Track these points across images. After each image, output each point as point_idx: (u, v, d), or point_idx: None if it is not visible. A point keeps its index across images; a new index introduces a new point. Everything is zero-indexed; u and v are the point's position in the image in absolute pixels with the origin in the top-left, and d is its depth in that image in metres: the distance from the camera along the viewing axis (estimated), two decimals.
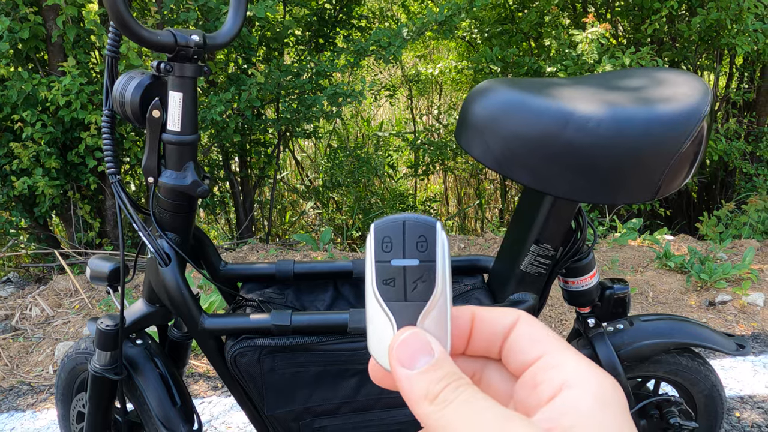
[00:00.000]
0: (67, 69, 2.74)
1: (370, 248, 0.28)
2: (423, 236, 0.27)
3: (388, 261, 0.27)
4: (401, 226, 0.28)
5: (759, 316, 2.34)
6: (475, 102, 0.92)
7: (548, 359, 0.26)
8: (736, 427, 1.67)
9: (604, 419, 0.24)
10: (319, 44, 4.20)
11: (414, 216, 0.28)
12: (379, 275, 0.27)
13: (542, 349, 0.27)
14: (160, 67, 0.87)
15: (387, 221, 0.28)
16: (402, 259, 0.27)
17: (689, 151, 0.85)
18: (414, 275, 0.27)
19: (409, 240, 0.27)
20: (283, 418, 1.03)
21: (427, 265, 0.27)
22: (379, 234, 0.28)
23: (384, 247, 0.28)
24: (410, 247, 0.27)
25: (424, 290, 0.27)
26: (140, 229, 0.94)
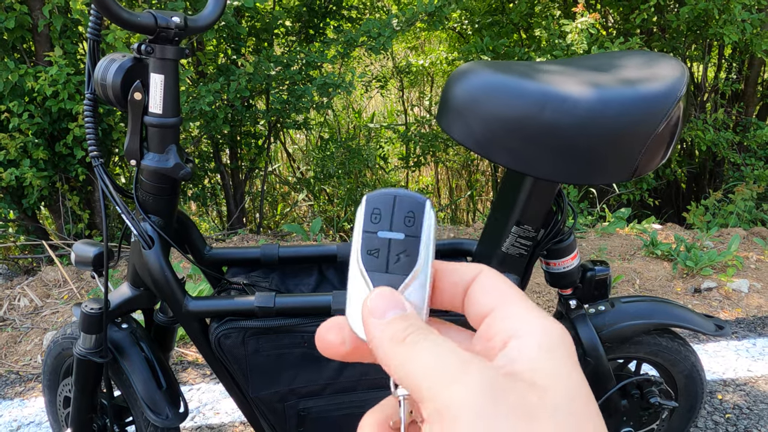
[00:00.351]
0: (54, 59, 2.72)
1: (359, 218, 0.29)
2: (412, 212, 0.28)
3: (375, 232, 0.28)
4: (392, 200, 0.28)
5: (743, 302, 2.37)
6: (456, 84, 0.93)
7: (500, 311, 0.27)
8: (719, 409, 1.70)
9: (551, 364, 0.24)
10: (309, 35, 4.19)
11: (406, 192, 0.29)
12: (365, 245, 0.28)
13: (496, 302, 0.27)
14: (141, 49, 0.87)
15: (379, 194, 0.29)
16: (388, 232, 0.28)
17: (665, 131, 0.86)
18: (398, 248, 0.28)
19: (398, 214, 0.28)
20: (268, 400, 1.04)
21: (412, 240, 0.28)
22: (370, 205, 0.28)
23: (373, 219, 0.28)
24: (398, 221, 0.28)
25: (405, 264, 0.28)
26: (123, 212, 0.95)
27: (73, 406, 1.13)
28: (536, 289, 2.40)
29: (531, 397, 0.22)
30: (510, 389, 0.22)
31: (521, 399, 0.22)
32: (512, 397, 0.22)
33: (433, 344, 0.25)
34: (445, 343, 0.25)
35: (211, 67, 3.64)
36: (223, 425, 1.61)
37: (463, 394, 0.22)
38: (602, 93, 0.85)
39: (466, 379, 0.22)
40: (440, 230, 3.30)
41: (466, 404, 0.22)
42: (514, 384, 0.23)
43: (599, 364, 1.14)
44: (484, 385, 0.22)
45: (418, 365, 0.24)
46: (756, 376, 1.86)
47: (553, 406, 0.22)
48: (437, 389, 0.23)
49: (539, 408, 0.22)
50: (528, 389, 0.23)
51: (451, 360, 0.23)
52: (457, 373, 0.23)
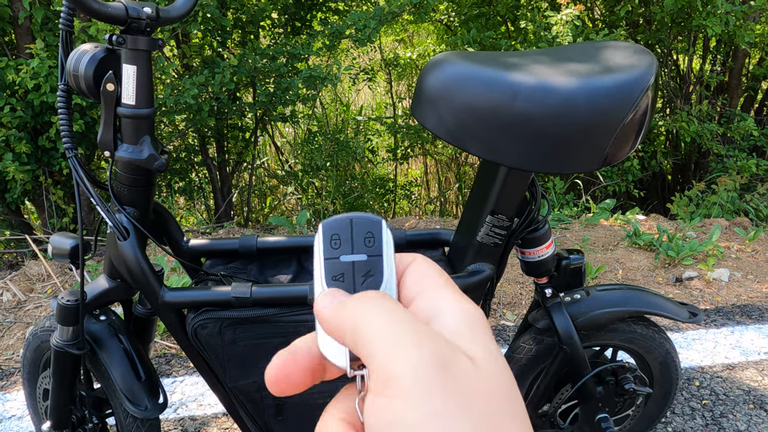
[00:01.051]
0: (35, 51, 2.69)
1: (318, 246, 0.29)
2: (370, 232, 0.29)
3: (337, 257, 0.28)
4: (349, 224, 0.29)
5: (723, 291, 2.41)
6: (429, 74, 0.93)
7: (424, 295, 0.27)
8: (696, 395, 1.73)
9: (480, 339, 0.25)
10: (296, 27, 4.17)
11: (360, 214, 0.29)
12: (329, 272, 0.28)
13: (421, 287, 0.28)
14: (113, 40, 0.87)
15: (334, 220, 0.29)
16: (351, 255, 0.28)
17: (634, 120, 0.87)
18: (362, 269, 0.28)
19: (357, 236, 0.29)
20: (246, 390, 1.05)
21: (375, 259, 0.28)
22: (327, 232, 0.29)
23: (333, 244, 0.28)
24: (358, 243, 0.28)
25: (372, 283, 0.28)
26: (98, 203, 0.95)
27: (52, 399, 1.13)
28: (519, 279, 2.42)
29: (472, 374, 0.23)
30: (455, 364, 0.23)
31: (464, 376, 0.23)
32: (457, 373, 0.22)
33: (387, 309, 0.25)
34: (399, 310, 0.25)
35: (197, 60, 3.62)
36: (206, 417, 1.61)
37: (413, 367, 0.22)
38: (572, 83, 0.86)
39: (417, 352, 0.22)
40: (429, 222, 3.31)
41: (414, 379, 0.22)
42: (460, 359, 0.23)
43: (574, 351, 1.16)
44: (434, 360, 0.22)
45: (371, 330, 0.24)
46: (733, 363, 1.89)
47: (489, 384, 0.23)
48: (387, 358, 0.23)
49: (479, 386, 0.23)
50: (470, 365, 0.23)
51: (404, 328, 0.24)
52: (410, 343, 0.23)
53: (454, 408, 0.21)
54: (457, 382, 0.22)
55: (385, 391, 0.22)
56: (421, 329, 0.24)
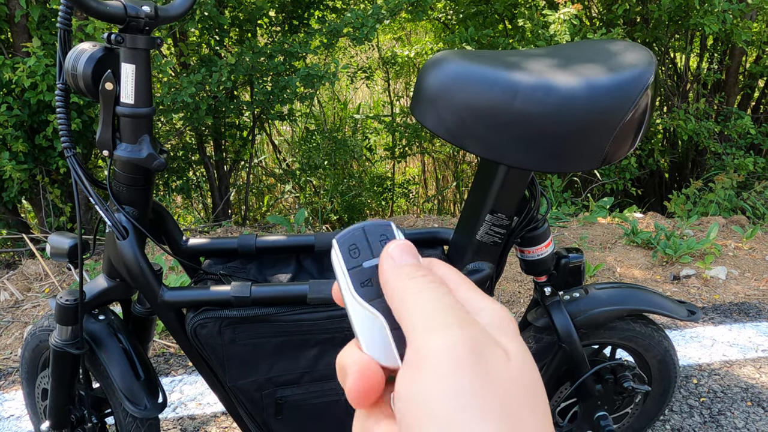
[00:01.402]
0: (32, 50, 2.68)
1: (338, 261, 0.29)
2: (383, 235, 0.30)
3: (360, 265, 0.29)
4: (362, 232, 0.30)
5: (720, 289, 2.41)
6: (428, 73, 0.93)
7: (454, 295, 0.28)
8: (694, 393, 1.74)
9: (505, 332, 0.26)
10: (293, 26, 4.16)
11: (370, 221, 0.30)
12: (355, 280, 0.29)
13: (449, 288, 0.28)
14: (111, 39, 0.87)
15: (347, 232, 0.30)
16: (372, 259, 0.29)
17: (633, 119, 0.88)
18: None
19: (373, 241, 0.30)
20: (246, 389, 1.05)
21: None
22: (343, 245, 0.30)
23: (352, 254, 0.29)
24: (376, 247, 0.30)
25: None
26: (96, 203, 0.94)
27: (51, 398, 1.13)
28: (517, 277, 2.43)
29: (504, 364, 0.24)
30: (489, 352, 0.24)
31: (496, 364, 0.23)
32: (489, 360, 0.23)
33: (439, 293, 0.26)
34: (450, 297, 0.26)
35: (194, 58, 3.61)
36: (205, 416, 1.61)
37: (449, 345, 0.23)
38: (572, 82, 0.86)
39: (455, 332, 0.24)
40: (426, 221, 3.31)
41: (447, 355, 0.23)
42: (494, 349, 0.24)
43: (573, 349, 1.16)
44: (470, 343, 0.23)
45: (417, 305, 0.25)
46: (731, 360, 1.90)
47: (519, 376, 0.24)
48: (427, 333, 0.24)
49: (509, 376, 0.24)
50: (503, 356, 0.24)
51: (450, 312, 0.25)
52: (451, 324, 0.24)
53: (479, 390, 0.22)
54: (489, 367, 0.23)
55: (418, 363, 0.23)
56: (466, 316, 0.25)
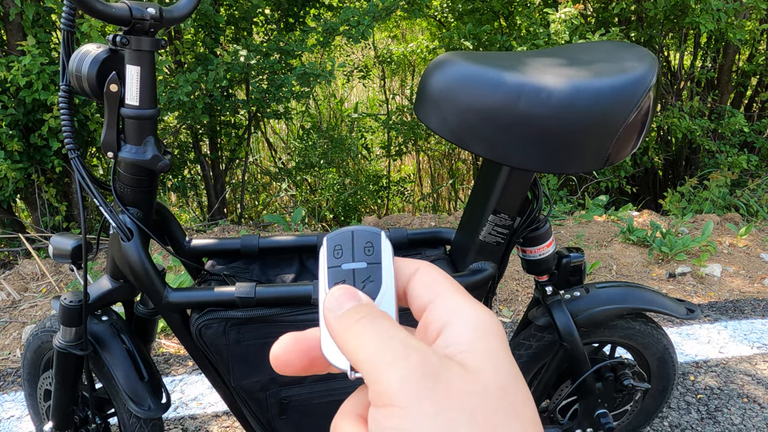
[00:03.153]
0: (27, 48, 2.67)
1: (322, 257, 0.31)
2: (370, 242, 0.31)
3: (339, 265, 0.30)
4: (350, 235, 0.31)
5: (716, 286, 2.44)
6: (432, 75, 0.94)
7: (436, 302, 0.28)
8: (691, 390, 1.75)
9: (482, 347, 0.26)
10: (289, 24, 4.15)
11: (361, 227, 0.31)
12: (331, 279, 0.30)
13: (433, 294, 0.29)
14: (116, 41, 0.87)
15: (337, 233, 0.31)
16: (351, 263, 0.30)
17: (636, 120, 0.88)
18: (362, 276, 0.30)
19: (358, 246, 0.31)
20: (250, 389, 1.06)
21: (374, 266, 0.30)
22: (330, 244, 0.31)
23: (335, 254, 0.31)
24: (359, 252, 0.31)
25: (372, 288, 0.30)
26: (101, 204, 0.94)
27: (54, 399, 1.13)
28: (516, 276, 2.44)
29: (463, 377, 0.24)
30: (444, 372, 0.24)
31: (454, 380, 0.23)
32: (445, 379, 0.23)
33: (379, 328, 0.26)
34: (391, 328, 0.26)
35: (189, 57, 3.60)
36: (206, 415, 1.62)
37: (401, 378, 0.23)
38: (575, 83, 0.87)
39: (403, 363, 0.24)
40: (423, 219, 3.32)
41: (403, 388, 0.23)
42: (449, 366, 0.24)
43: (574, 348, 1.17)
44: (421, 369, 0.23)
45: (364, 348, 0.25)
46: (727, 357, 1.92)
47: (484, 385, 0.24)
48: (378, 372, 0.24)
49: (471, 388, 0.23)
50: (461, 370, 0.24)
51: (393, 344, 0.25)
52: (398, 356, 0.24)
53: (444, 409, 0.22)
54: (447, 385, 0.23)
55: (381, 401, 0.23)
56: (409, 342, 0.25)
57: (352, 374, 0.28)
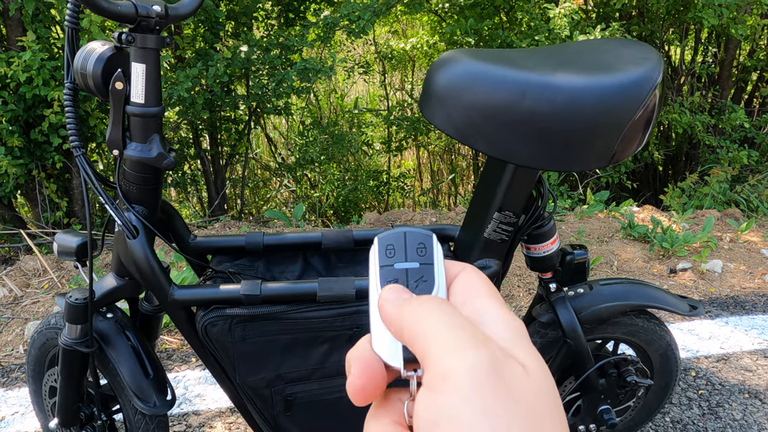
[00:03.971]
0: (27, 44, 2.66)
1: (374, 257, 0.31)
2: (422, 243, 0.31)
3: (392, 264, 0.31)
4: (403, 236, 0.32)
5: (716, 282, 2.44)
6: (438, 72, 0.94)
7: (472, 302, 0.29)
8: (692, 385, 1.76)
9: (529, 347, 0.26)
10: (289, 19, 4.14)
11: (414, 228, 0.32)
12: (384, 278, 0.31)
13: (471, 295, 0.29)
14: (122, 38, 0.87)
15: (389, 233, 0.32)
16: (405, 263, 0.31)
17: (642, 118, 0.88)
18: (415, 275, 0.31)
19: (411, 247, 0.31)
20: (255, 386, 1.06)
21: (427, 267, 0.31)
22: (383, 244, 0.32)
23: (388, 254, 0.31)
24: (411, 252, 0.31)
25: (424, 288, 0.30)
26: (107, 202, 0.94)
27: (60, 396, 1.13)
28: (516, 272, 2.44)
29: (524, 377, 0.24)
30: (507, 368, 0.24)
31: (515, 379, 0.24)
32: (508, 376, 0.24)
33: (448, 315, 0.26)
34: (459, 316, 0.26)
35: (190, 52, 3.59)
36: (209, 411, 1.62)
37: (469, 367, 0.23)
38: (581, 81, 0.87)
39: (473, 353, 0.24)
40: (423, 215, 3.32)
41: (469, 378, 0.23)
42: (512, 364, 0.24)
43: (578, 344, 1.18)
44: (489, 363, 0.24)
45: (431, 329, 0.25)
46: (728, 353, 1.92)
47: (539, 388, 0.24)
48: (444, 356, 0.24)
49: (530, 389, 0.24)
50: (521, 370, 0.25)
51: (462, 333, 0.25)
52: (467, 345, 0.24)
53: (503, 408, 0.23)
54: (508, 384, 0.24)
55: (440, 386, 0.24)
56: (479, 334, 0.25)
57: (404, 373, 0.28)
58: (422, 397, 0.24)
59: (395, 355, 0.28)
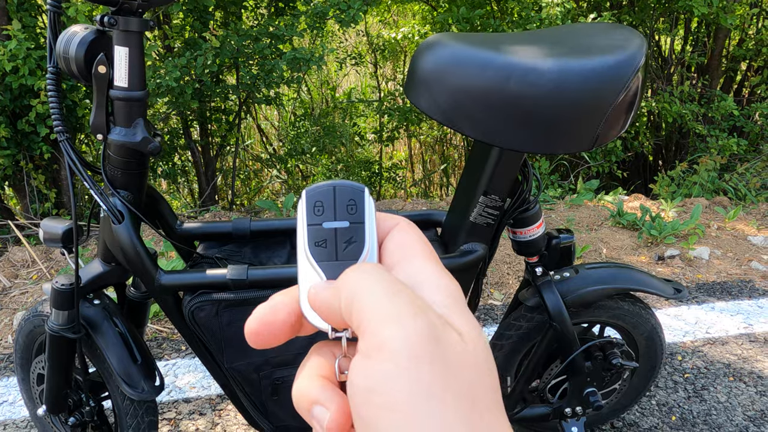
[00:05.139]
0: (12, 33, 2.63)
1: (301, 213, 0.29)
2: (353, 200, 0.29)
3: (320, 224, 0.29)
4: (332, 191, 0.29)
5: (704, 269, 2.47)
6: (423, 56, 0.94)
7: (407, 264, 0.28)
8: (678, 369, 1.79)
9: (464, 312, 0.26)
10: (279, 8, 4.11)
11: (344, 182, 0.30)
12: (311, 238, 0.29)
13: (404, 255, 0.28)
14: (104, 21, 0.86)
15: (317, 187, 0.29)
16: (333, 221, 0.29)
17: (625, 101, 0.89)
18: (345, 236, 0.29)
19: (340, 203, 0.29)
20: (243, 370, 1.06)
21: (357, 226, 0.29)
22: (310, 199, 0.29)
23: (316, 211, 0.29)
24: (341, 210, 0.29)
25: (354, 250, 0.29)
26: (91, 187, 0.94)
27: (48, 383, 1.13)
28: (506, 259, 2.46)
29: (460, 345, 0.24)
30: (444, 336, 0.24)
31: (451, 347, 0.23)
32: (444, 344, 0.23)
33: (385, 281, 0.25)
34: (397, 283, 0.25)
35: (179, 41, 3.56)
36: (199, 398, 1.63)
37: (405, 336, 0.23)
38: (564, 64, 0.87)
39: (410, 322, 0.23)
40: (414, 204, 3.32)
41: (405, 347, 0.23)
42: (449, 332, 0.24)
43: (564, 328, 1.19)
44: (426, 331, 0.23)
45: (369, 298, 0.24)
46: (714, 338, 1.95)
47: (475, 355, 0.24)
48: (380, 325, 0.23)
49: (465, 358, 0.24)
50: (458, 338, 0.24)
51: (400, 300, 0.24)
52: (405, 314, 0.24)
53: (439, 377, 0.22)
54: (444, 353, 0.23)
55: (376, 354, 0.23)
56: (417, 301, 0.25)
57: (332, 333, 0.27)
58: (358, 364, 0.24)
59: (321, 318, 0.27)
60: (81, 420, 1.18)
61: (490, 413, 0.23)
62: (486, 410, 0.23)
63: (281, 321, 0.28)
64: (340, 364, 0.27)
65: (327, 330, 0.28)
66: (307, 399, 0.26)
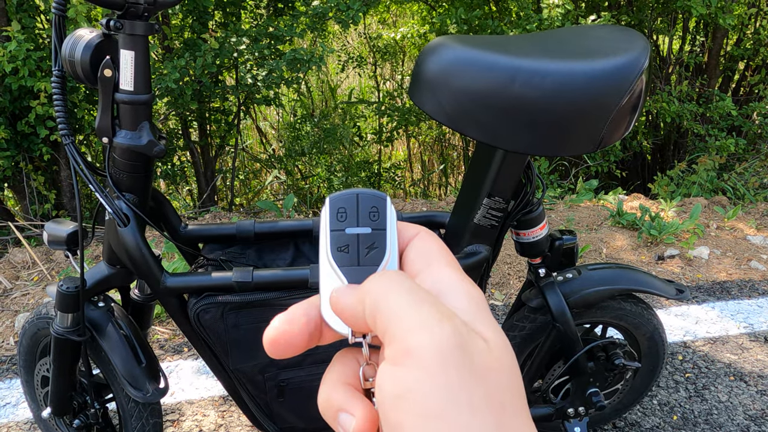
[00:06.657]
0: (12, 34, 2.62)
1: (325, 218, 0.30)
2: (375, 207, 0.30)
3: (343, 229, 0.30)
4: (355, 198, 0.30)
5: (703, 269, 2.48)
6: (427, 58, 0.94)
7: (429, 272, 0.28)
8: (679, 369, 1.79)
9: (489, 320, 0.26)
10: (279, 8, 4.11)
11: (367, 190, 0.31)
12: (334, 243, 0.29)
13: (426, 263, 0.29)
14: (110, 25, 0.86)
15: (342, 194, 0.30)
16: (356, 227, 0.30)
17: (629, 103, 0.90)
18: (366, 242, 0.29)
19: (363, 210, 0.30)
20: (248, 372, 1.07)
21: (379, 233, 0.30)
22: (334, 205, 0.30)
23: (339, 217, 0.30)
24: (363, 217, 0.30)
25: (375, 256, 0.29)
26: (97, 191, 0.94)
27: (52, 385, 1.13)
28: (507, 260, 2.46)
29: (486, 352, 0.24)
30: (471, 343, 0.24)
31: (478, 354, 0.24)
32: (471, 351, 0.24)
33: (409, 289, 0.26)
34: (422, 290, 0.26)
35: (178, 42, 3.56)
36: (202, 400, 1.63)
37: (434, 343, 0.23)
38: (569, 67, 0.88)
39: (438, 329, 0.24)
40: (414, 204, 3.33)
41: (433, 354, 0.23)
42: (475, 339, 0.24)
43: (567, 328, 1.19)
44: (453, 338, 0.24)
45: (394, 306, 0.25)
46: (714, 337, 1.96)
47: (501, 363, 0.24)
48: (407, 333, 0.24)
49: (492, 365, 0.24)
50: (484, 345, 0.25)
51: (425, 307, 0.25)
52: (431, 321, 0.24)
53: (467, 383, 0.23)
54: (471, 359, 0.24)
55: (404, 360, 0.23)
56: (443, 308, 0.25)
57: (352, 338, 0.28)
58: (386, 371, 0.24)
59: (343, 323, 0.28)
60: (86, 422, 1.18)
61: (518, 417, 0.24)
62: (514, 415, 0.23)
63: (299, 330, 0.29)
64: (365, 372, 0.28)
65: (347, 334, 0.28)
66: (332, 406, 0.26)
